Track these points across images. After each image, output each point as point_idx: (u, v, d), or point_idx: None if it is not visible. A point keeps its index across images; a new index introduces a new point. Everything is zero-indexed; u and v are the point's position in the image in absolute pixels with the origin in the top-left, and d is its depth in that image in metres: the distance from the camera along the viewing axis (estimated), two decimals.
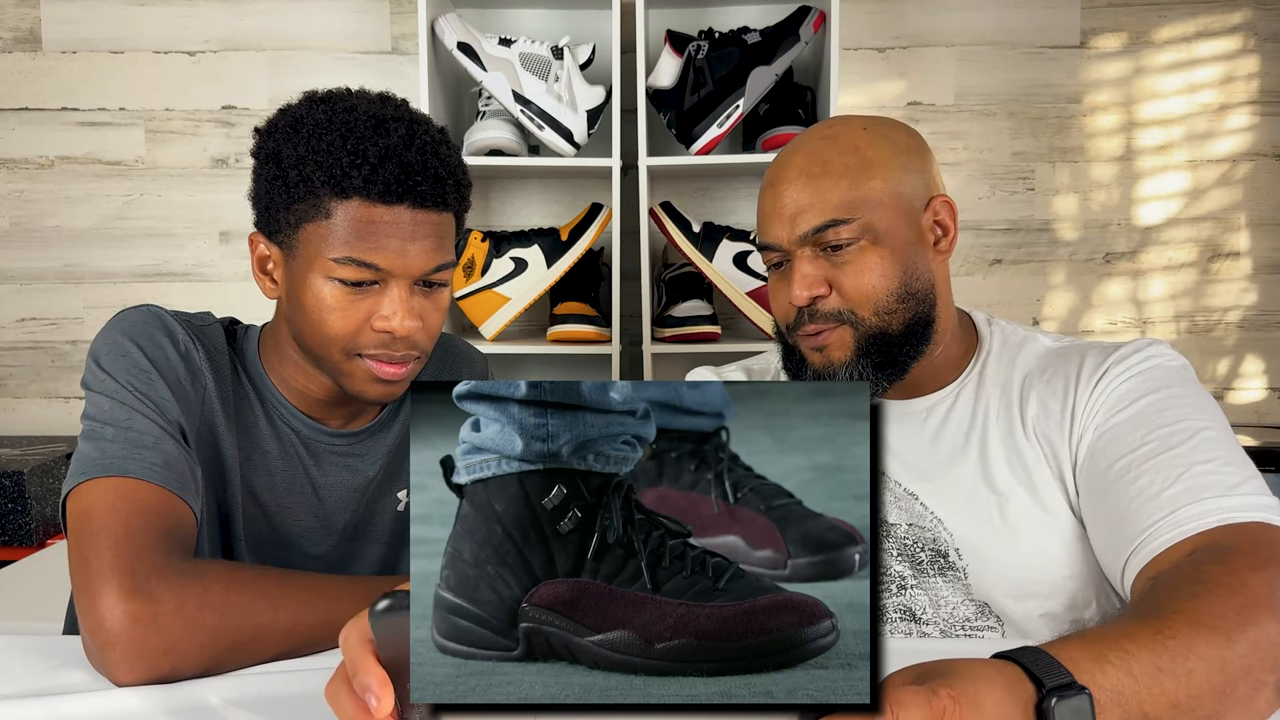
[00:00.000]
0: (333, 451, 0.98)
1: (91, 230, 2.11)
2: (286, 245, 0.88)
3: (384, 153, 0.83)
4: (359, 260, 0.84)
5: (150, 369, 0.87)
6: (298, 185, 0.84)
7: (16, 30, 2.07)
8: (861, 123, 0.94)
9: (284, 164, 0.85)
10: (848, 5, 1.96)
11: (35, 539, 1.79)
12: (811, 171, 0.90)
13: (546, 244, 1.82)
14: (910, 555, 0.91)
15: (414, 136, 0.85)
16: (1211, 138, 2.08)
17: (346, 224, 0.84)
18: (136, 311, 0.91)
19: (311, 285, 0.86)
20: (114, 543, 0.76)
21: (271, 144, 0.87)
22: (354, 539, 1.01)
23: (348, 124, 0.84)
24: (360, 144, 0.83)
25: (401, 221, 0.84)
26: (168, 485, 0.81)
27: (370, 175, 0.82)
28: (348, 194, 0.83)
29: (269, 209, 0.88)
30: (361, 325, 0.86)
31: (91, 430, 0.84)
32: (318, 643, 0.79)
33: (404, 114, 0.87)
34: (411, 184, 0.84)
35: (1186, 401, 0.84)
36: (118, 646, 0.72)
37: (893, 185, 0.90)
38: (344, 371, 0.89)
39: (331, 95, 0.89)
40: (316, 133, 0.84)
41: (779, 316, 0.96)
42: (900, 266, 0.90)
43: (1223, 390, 2.13)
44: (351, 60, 2.08)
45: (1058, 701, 0.52)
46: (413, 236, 0.85)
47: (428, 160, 0.85)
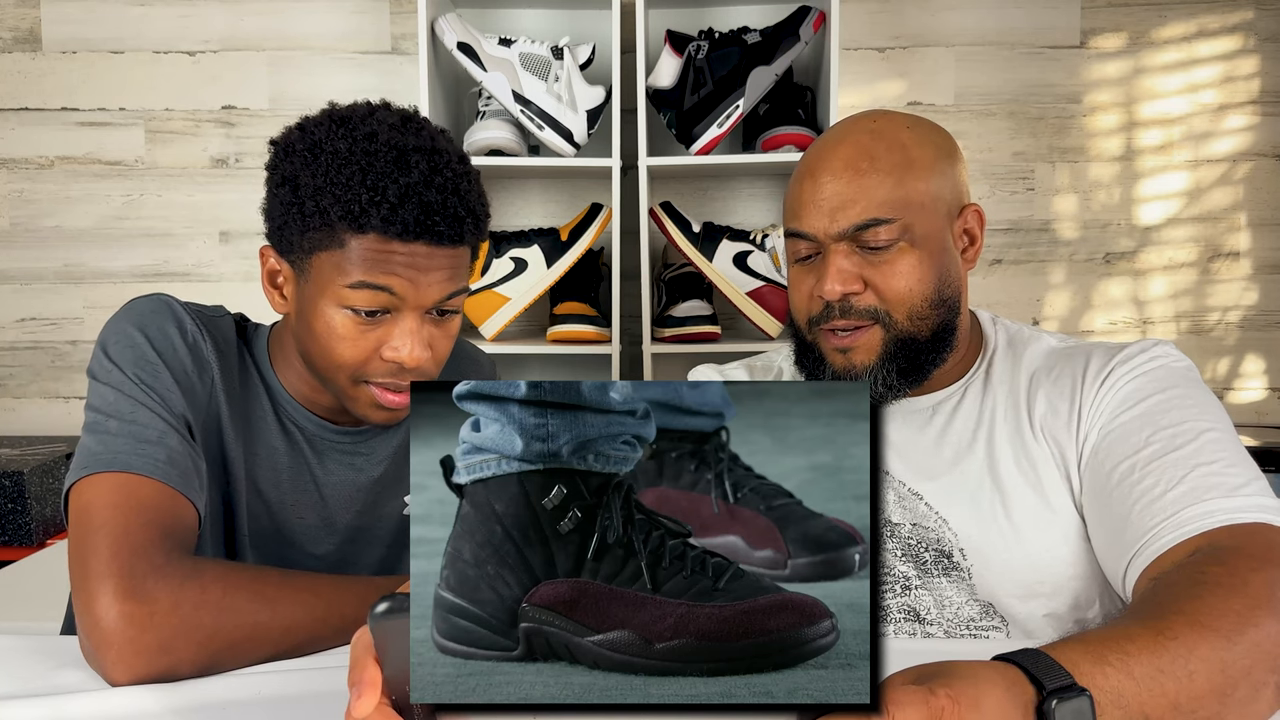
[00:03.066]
0: (337, 449, 0.98)
1: (91, 230, 2.10)
2: (299, 267, 0.86)
3: (404, 191, 0.80)
4: (373, 284, 0.82)
5: (157, 360, 0.86)
6: (314, 216, 0.82)
7: (16, 30, 2.07)
8: (905, 121, 0.91)
9: (300, 192, 0.83)
10: (848, 5, 1.96)
11: (35, 539, 1.79)
12: (858, 166, 0.87)
13: (546, 244, 1.82)
14: (915, 555, 0.90)
15: (435, 172, 0.82)
16: (1212, 138, 2.08)
17: (361, 255, 0.82)
18: (147, 301, 0.91)
19: (322, 312, 0.84)
20: (113, 541, 0.76)
21: (288, 167, 0.84)
22: (355, 540, 1.00)
23: (368, 155, 0.81)
24: (380, 180, 0.80)
25: (417, 255, 0.83)
26: (170, 482, 0.81)
27: (389, 215, 0.80)
28: (364, 230, 0.81)
29: (282, 229, 0.86)
30: (371, 354, 0.85)
31: (95, 422, 0.83)
32: (316, 642, 0.79)
33: (426, 143, 0.84)
34: (430, 223, 0.81)
35: (1191, 402, 0.84)
36: (114, 647, 0.72)
37: (934, 189, 0.89)
38: (349, 396, 0.88)
39: (352, 116, 0.85)
40: (335, 164, 0.81)
41: (800, 309, 0.93)
42: (935, 272, 0.88)
43: (1223, 390, 2.13)
44: (351, 60, 2.08)
45: (1058, 703, 0.52)
46: (427, 269, 0.83)
47: (447, 199, 0.82)
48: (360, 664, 0.53)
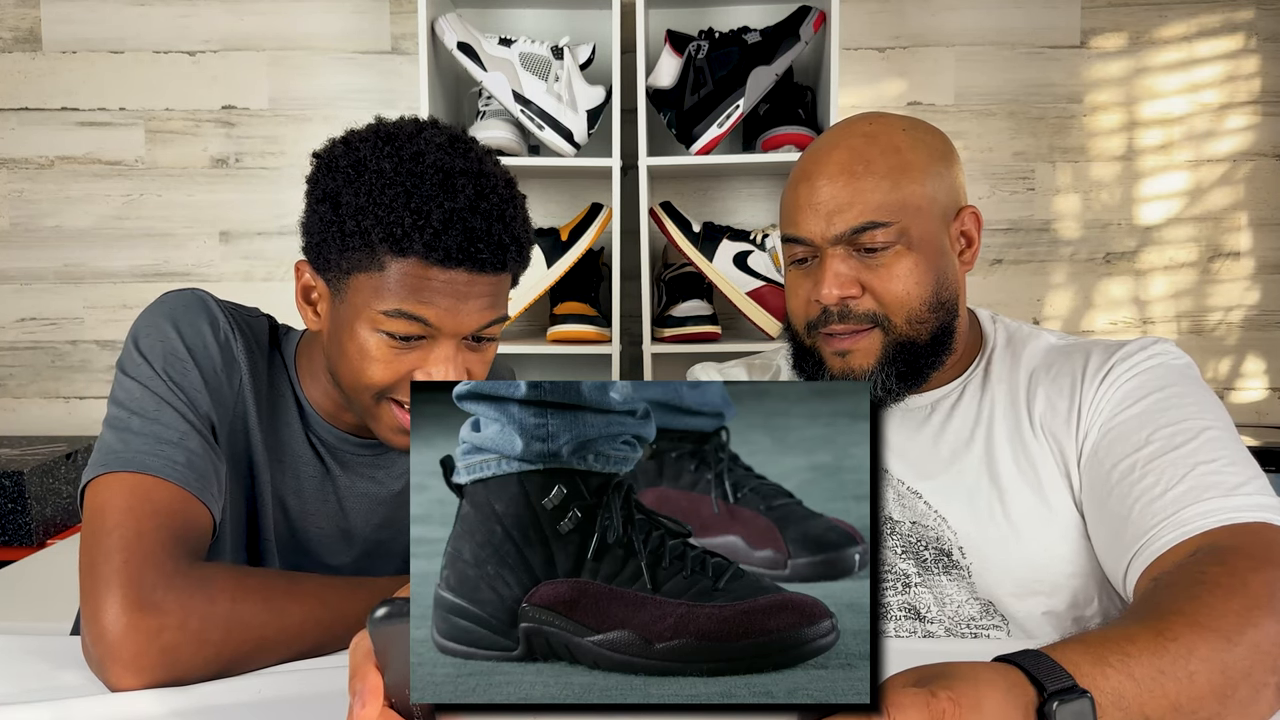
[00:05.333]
0: (359, 462, 0.97)
1: (91, 230, 2.10)
2: (335, 286, 0.84)
3: (448, 216, 0.79)
4: (409, 314, 0.80)
5: (187, 357, 0.85)
6: (354, 236, 0.80)
7: (16, 30, 2.07)
8: (900, 123, 0.91)
9: (342, 211, 0.80)
10: (848, 5, 1.96)
11: (35, 539, 1.79)
12: (853, 170, 0.87)
13: (546, 244, 1.82)
14: (915, 554, 0.90)
15: (481, 198, 0.80)
16: (1212, 137, 2.08)
17: (399, 279, 0.80)
18: (180, 295, 0.89)
19: (357, 334, 0.83)
20: (124, 545, 0.75)
21: (330, 183, 0.82)
22: (373, 554, 0.99)
23: (414, 176, 0.79)
24: (424, 204, 0.78)
25: (458, 282, 0.81)
26: (187, 485, 0.80)
27: (432, 240, 0.78)
28: (406, 254, 0.79)
29: (321, 246, 0.84)
30: (404, 377, 0.83)
31: (118, 419, 0.82)
32: (323, 647, 0.79)
33: (473, 166, 0.82)
34: (473, 250, 0.80)
35: (1191, 400, 0.83)
36: (120, 658, 0.72)
37: (930, 191, 0.89)
38: (372, 415, 0.87)
39: (399, 134, 0.83)
40: (380, 184, 0.79)
41: (798, 313, 0.93)
42: (933, 274, 0.88)
43: (1224, 390, 2.13)
44: (351, 60, 2.08)
45: (1059, 705, 0.52)
46: (467, 296, 0.81)
47: (492, 226, 0.80)
48: (361, 671, 0.53)
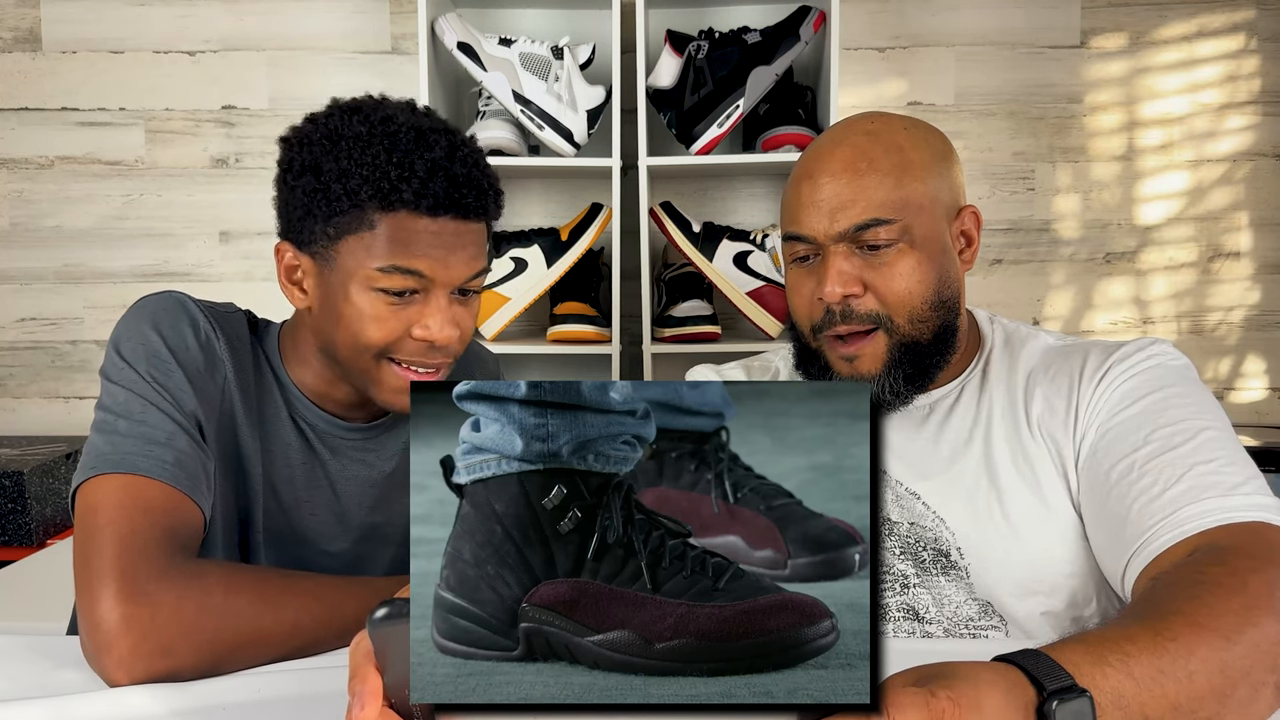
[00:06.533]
0: (349, 445, 0.98)
1: (91, 230, 2.10)
2: (322, 257, 0.87)
3: (431, 166, 0.83)
4: (403, 268, 0.84)
5: (170, 359, 0.86)
6: (341, 199, 0.83)
7: (16, 30, 2.07)
8: (902, 122, 0.92)
9: (325, 177, 0.84)
10: (848, 5, 1.96)
11: (35, 539, 1.79)
12: (857, 167, 0.88)
13: (546, 244, 1.82)
14: (913, 554, 0.90)
15: (455, 149, 0.85)
16: (1212, 137, 2.08)
17: (390, 234, 0.83)
18: (159, 298, 0.91)
19: (352, 296, 0.85)
20: (117, 542, 0.76)
21: (308, 156, 0.85)
22: (370, 538, 1.00)
23: (390, 136, 0.83)
24: (406, 157, 0.83)
25: (445, 232, 0.85)
26: (177, 484, 0.81)
27: (420, 189, 0.82)
28: (394, 207, 0.83)
29: (303, 220, 0.86)
30: (401, 335, 0.87)
31: (105, 422, 0.84)
32: (318, 645, 0.79)
33: (440, 124, 0.87)
34: (458, 196, 0.84)
35: (1189, 401, 0.84)
36: (115, 650, 0.72)
37: (932, 190, 0.89)
38: (373, 379, 0.89)
39: (362, 105, 0.87)
40: (358, 146, 0.83)
41: (801, 313, 0.93)
42: (935, 273, 0.89)
43: (1224, 390, 2.13)
44: (351, 60, 2.08)
45: (1059, 705, 0.52)
46: (455, 246, 0.85)
47: (471, 172, 0.85)
48: (360, 672, 0.53)
